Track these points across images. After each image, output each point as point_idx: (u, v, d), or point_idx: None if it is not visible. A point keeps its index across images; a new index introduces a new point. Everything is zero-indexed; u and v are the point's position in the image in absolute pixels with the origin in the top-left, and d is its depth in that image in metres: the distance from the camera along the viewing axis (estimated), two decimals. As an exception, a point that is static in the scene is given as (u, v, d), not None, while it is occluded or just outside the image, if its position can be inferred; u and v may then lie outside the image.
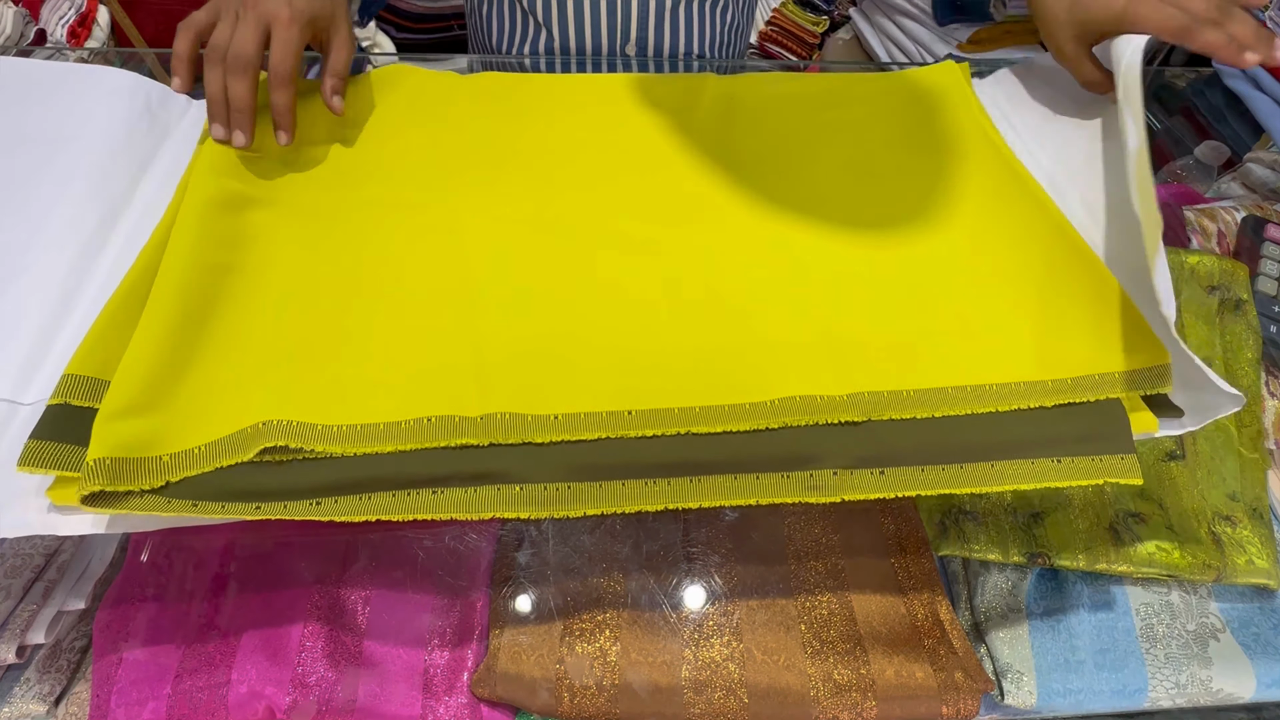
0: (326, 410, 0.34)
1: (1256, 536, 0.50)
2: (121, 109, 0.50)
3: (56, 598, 0.41)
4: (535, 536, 0.44)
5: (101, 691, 0.38)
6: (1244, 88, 0.75)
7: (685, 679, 0.40)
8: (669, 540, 0.45)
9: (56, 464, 0.33)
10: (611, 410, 0.35)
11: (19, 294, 0.40)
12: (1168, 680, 0.45)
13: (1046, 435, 0.38)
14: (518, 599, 0.43)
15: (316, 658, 0.39)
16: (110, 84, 0.52)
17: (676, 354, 0.39)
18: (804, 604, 0.43)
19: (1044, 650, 0.45)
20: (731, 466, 0.35)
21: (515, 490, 0.34)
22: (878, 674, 0.40)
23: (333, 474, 0.33)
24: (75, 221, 0.44)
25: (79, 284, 0.42)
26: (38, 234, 0.43)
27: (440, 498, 0.33)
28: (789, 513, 0.47)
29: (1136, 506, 0.51)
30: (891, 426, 0.37)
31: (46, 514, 0.33)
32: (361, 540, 0.43)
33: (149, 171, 0.49)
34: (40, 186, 0.45)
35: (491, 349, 0.38)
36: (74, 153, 0.47)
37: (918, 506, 0.50)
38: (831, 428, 0.36)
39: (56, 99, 0.51)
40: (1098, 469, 0.37)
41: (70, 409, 0.35)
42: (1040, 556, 0.48)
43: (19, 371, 0.37)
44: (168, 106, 0.53)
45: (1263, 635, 0.47)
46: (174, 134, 0.52)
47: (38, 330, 0.39)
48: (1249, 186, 0.79)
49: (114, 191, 0.46)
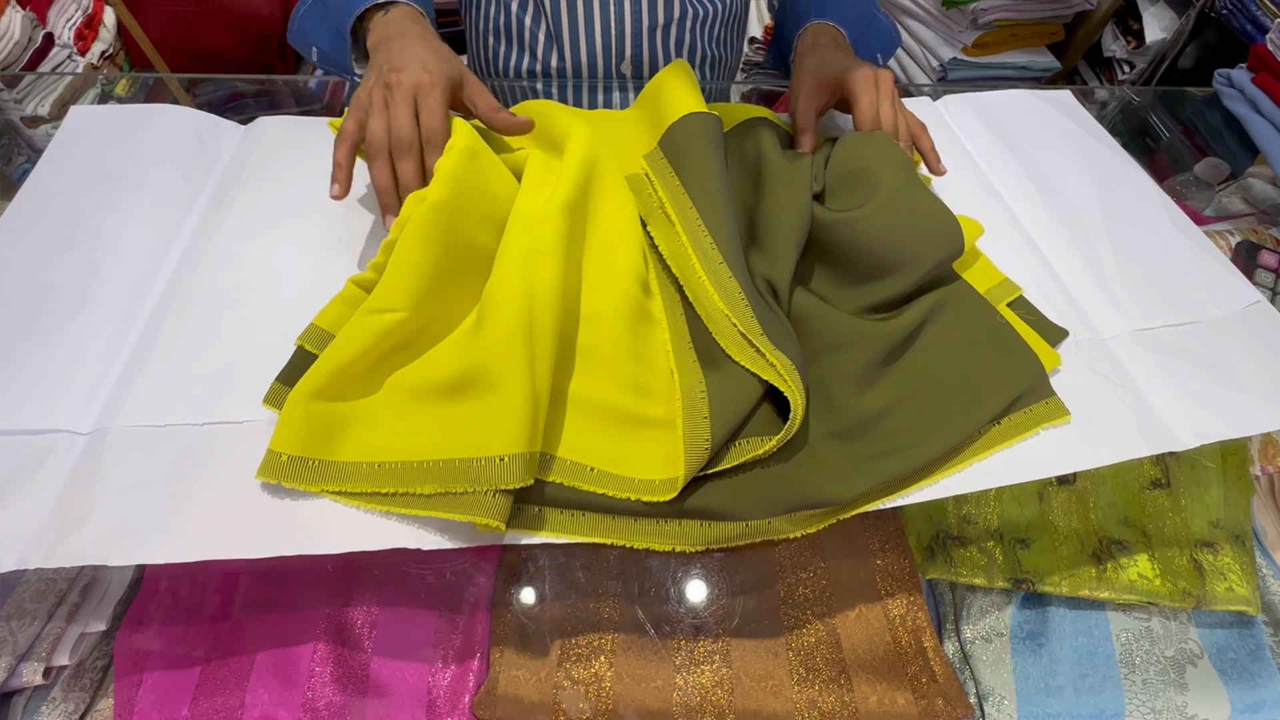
0: None
1: (1238, 563, 0.51)
2: (175, 143, 0.55)
3: (80, 620, 0.43)
4: (532, 571, 0.46)
5: (123, 713, 0.40)
6: (1243, 110, 0.75)
7: (676, 704, 0.42)
8: (661, 569, 0.47)
9: None
10: None
11: (80, 330, 0.43)
12: (1144, 706, 0.46)
13: None
14: (517, 625, 0.45)
15: (325, 681, 0.41)
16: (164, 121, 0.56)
17: None
18: (792, 631, 0.45)
19: (1025, 674, 0.47)
20: None
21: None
22: (861, 701, 0.42)
23: None
24: (132, 254, 0.47)
25: (131, 317, 0.44)
26: (98, 269, 0.46)
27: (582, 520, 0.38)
28: (779, 542, 0.49)
29: (1120, 534, 0.52)
30: None
31: (99, 545, 0.35)
32: (367, 567, 0.45)
33: (198, 201, 0.52)
34: (103, 224, 0.49)
35: None
36: (133, 189, 0.51)
37: (907, 532, 0.51)
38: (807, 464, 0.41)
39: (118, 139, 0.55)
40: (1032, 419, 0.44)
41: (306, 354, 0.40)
42: (1025, 582, 0.49)
43: (78, 403, 0.40)
44: (217, 136, 0.57)
45: (1239, 661, 0.49)
46: (222, 161, 0.56)
47: (95, 363, 0.42)
48: (1249, 201, 0.79)
49: (169, 222, 0.50)
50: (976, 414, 0.42)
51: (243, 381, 0.42)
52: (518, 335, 0.37)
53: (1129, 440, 0.44)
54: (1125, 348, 0.49)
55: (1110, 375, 0.47)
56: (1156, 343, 0.49)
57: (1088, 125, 0.66)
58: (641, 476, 0.38)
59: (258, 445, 0.38)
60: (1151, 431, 0.44)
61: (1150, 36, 1.43)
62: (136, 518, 0.36)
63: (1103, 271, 0.54)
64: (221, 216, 0.51)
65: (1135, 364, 0.48)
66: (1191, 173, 0.80)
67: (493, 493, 0.35)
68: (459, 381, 0.38)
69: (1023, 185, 0.59)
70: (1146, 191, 0.60)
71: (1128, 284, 0.53)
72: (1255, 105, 0.73)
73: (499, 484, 0.35)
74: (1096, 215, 0.58)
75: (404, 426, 0.38)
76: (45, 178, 0.52)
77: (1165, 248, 0.55)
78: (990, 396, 0.43)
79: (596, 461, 0.39)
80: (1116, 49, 1.51)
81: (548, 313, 0.39)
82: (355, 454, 0.38)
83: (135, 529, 0.36)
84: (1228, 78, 0.79)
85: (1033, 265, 0.54)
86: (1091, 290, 0.52)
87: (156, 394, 0.41)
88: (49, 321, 0.44)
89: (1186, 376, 0.47)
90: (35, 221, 0.49)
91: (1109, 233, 0.56)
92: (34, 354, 0.42)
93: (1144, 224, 0.57)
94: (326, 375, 0.38)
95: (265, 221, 0.51)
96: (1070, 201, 0.59)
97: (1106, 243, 0.56)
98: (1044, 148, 0.63)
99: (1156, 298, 0.52)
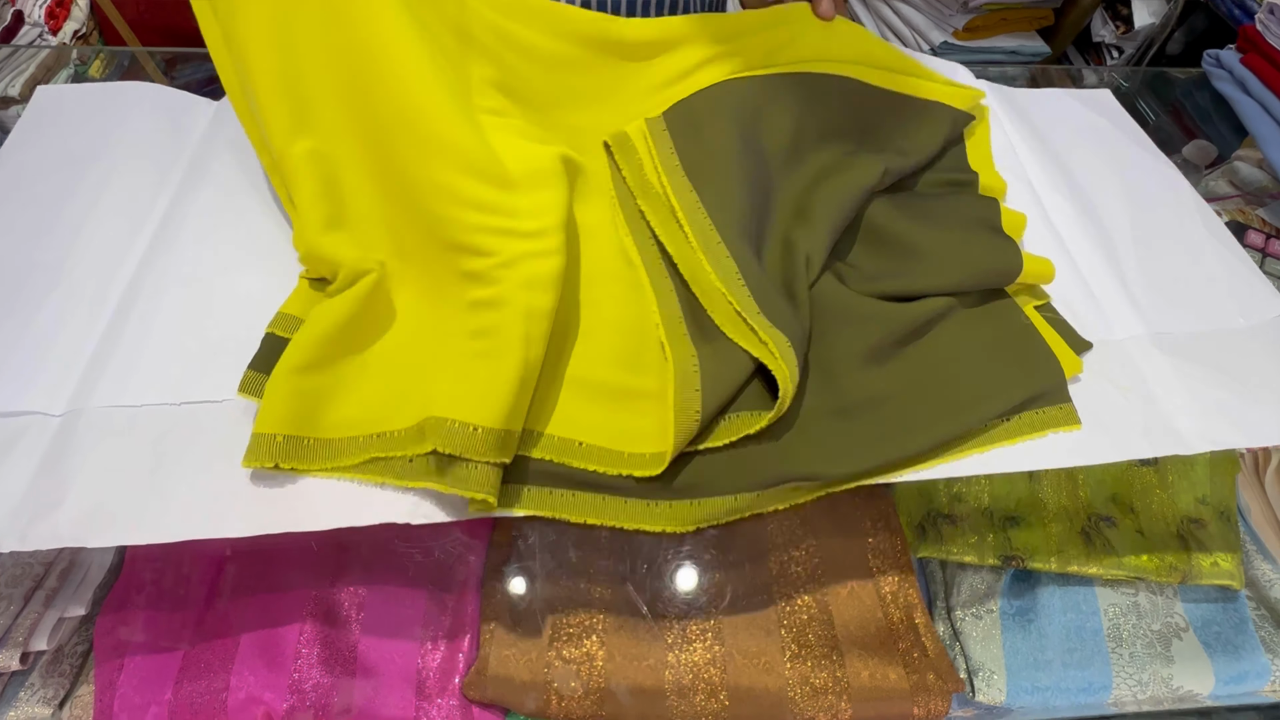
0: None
1: (1223, 539, 0.52)
2: (146, 121, 0.53)
3: (58, 605, 0.42)
4: (522, 549, 0.46)
5: (104, 696, 0.39)
6: (1232, 91, 0.75)
7: (669, 682, 0.42)
8: (653, 548, 0.47)
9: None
10: None
11: (52, 312, 0.42)
12: (1131, 679, 0.47)
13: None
14: (507, 605, 0.44)
15: (312, 663, 0.40)
16: (134, 98, 0.54)
17: None
18: (784, 609, 0.45)
19: (1015, 649, 0.47)
20: None
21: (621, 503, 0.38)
22: (853, 676, 0.42)
23: None
24: (103, 235, 0.46)
25: (103, 298, 0.43)
26: (70, 250, 0.45)
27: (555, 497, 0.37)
28: (771, 520, 0.49)
29: (1108, 511, 0.53)
30: None
31: (75, 527, 0.34)
32: (354, 547, 0.45)
33: (169, 178, 0.51)
34: (73, 204, 0.48)
35: None
36: (104, 169, 0.50)
37: (898, 511, 0.52)
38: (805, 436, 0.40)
39: (87, 119, 0.53)
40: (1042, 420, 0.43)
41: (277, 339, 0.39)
42: (1015, 559, 0.49)
43: (51, 384, 0.39)
44: (190, 113, 0.56)
45: (1224, 634, 0.49)
46: (195, 137, 0.54)
47: (68, 345, 0.41)
48: (1235, 185, 0.80)
49: (140, 201, 0.49)
50: (985, 408, 0.41)
51: (220, 361, 0.41)
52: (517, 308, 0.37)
53: (1132, 440, 0.43)
54: (1142, 349, 0.48)
55: (1120, 379, 0.46)
56: (1175, 347, 0.48)
57: (1125, 127, 0.66)
58: (632, 450, 0.38)
59: (237, 424, 0.37)
60: (1158, 433, 0.43)
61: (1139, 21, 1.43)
62: (114, 499, 0.35)
63: (1126, 272, 0.53)
64: (195, 194, 0.50)
65: (1151, 366, 0.47)
66: (1179, 155, 0.80)
67: (482, 465, 0.34)
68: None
69: (1053, 180, 0.59)
70: (1181, 196, 0.59)
71: (1151, 286, 0.52)
72: (1243, 85, 0.74)
73: (469, 453, 0.34)
74: (1126, 216, 0.57)
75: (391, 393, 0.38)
76: (11, 160, 0.51)
77: (1196, 253, 0.54)
78: (1002, 393, 0.42)
79: (586, 436, 0.38)
80: (1106, 34, 1.51)
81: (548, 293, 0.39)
82: (347, 427, 0.37)
83: (113, 510, 0.35)
84: (1216, 58, 0.79)
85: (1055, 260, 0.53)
86: (1112, 290, 0.52)
87: (131, 375, 0.40)
88: (19, 303, 0.43)
89: (1202, 382, 0.46)
90: (2, 206, 0.48)
91: (1137, 234, 0.56)
92: (4, 336, 0.41)
93: (1176, 228, 0.56)
94: (312, 346, 0.37)
95: (239, 199, 0.50)
96: (1100, 201, 0.58)
97: (1133, 244, 0.55)
98: (1078, 146, 0.62)
99: (1180, 302, 0.51)
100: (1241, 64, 0.76)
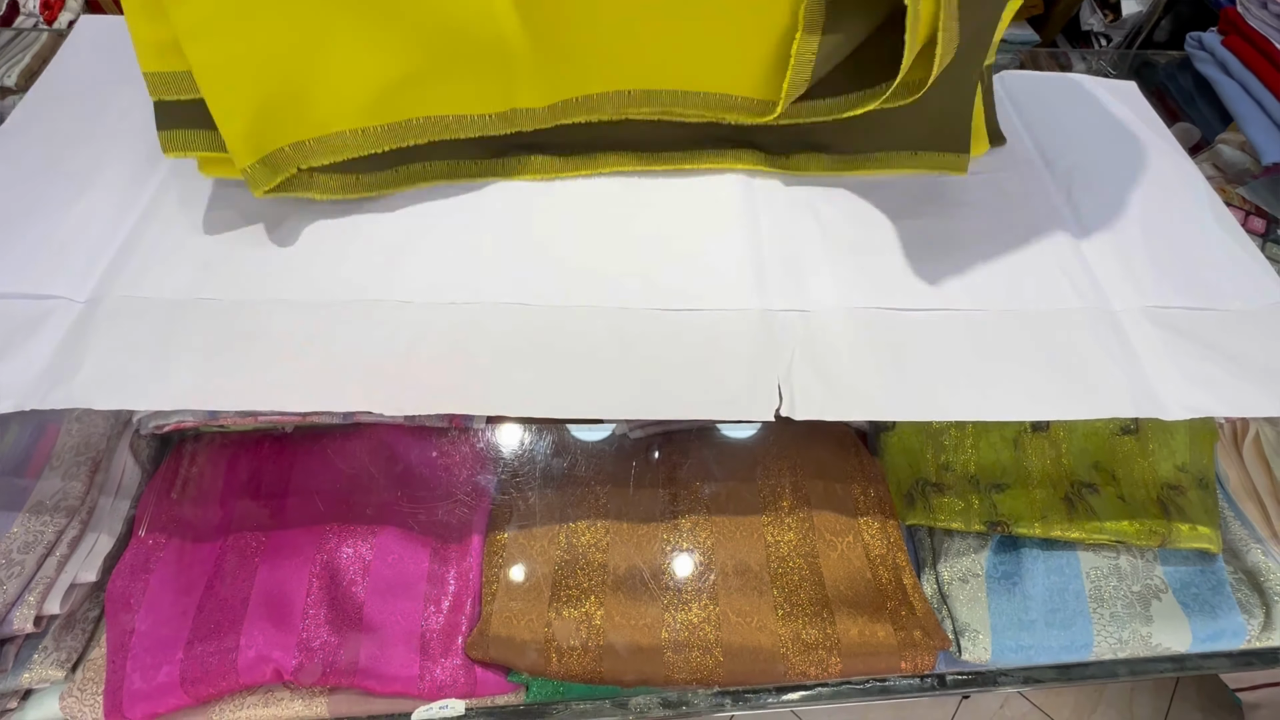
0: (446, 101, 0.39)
1: (1201, 505, 0.53)
2: None
3: (69, 570, 0.43)
4: (525, 509, 0.47)
5: (117, 658, 0.41)
6: (1213, 73, 0.77)
7: (665, 640, 0.43)
8: (650, 510, 0.48)
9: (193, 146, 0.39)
10: None
11: (82, 210, 0.46)
12: (1111, 637, 0.48)
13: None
14: (509, 567, 0.45)
15: (320, 623, 0.41)
16: None
17: None
18: (776, 570, 0.46)
19: (1000, 611, 0.49)
20: None
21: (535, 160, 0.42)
22: (843, 633, 0.44)
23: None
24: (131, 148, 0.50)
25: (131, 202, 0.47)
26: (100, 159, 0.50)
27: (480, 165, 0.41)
28: (764, 486, 0.50)
29: (1090, 478, 0.54)
30: None
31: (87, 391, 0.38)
32: (360, 511, 0.46)
33: None
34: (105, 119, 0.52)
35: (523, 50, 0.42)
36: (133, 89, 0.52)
37: (887, 479, 0.53)
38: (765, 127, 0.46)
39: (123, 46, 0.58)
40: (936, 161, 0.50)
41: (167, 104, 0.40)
42: (1000, 525, 0.51)
43: (78, 274, 0.43)
44: None
45: (1201, 595, 0.51)
46: None
47: (95, 238, 0.45)
48: (1218, 167, 0.81)
49: None
50: None
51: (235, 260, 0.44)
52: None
53: (1116, 400, 0.44)
54: (1134, 321, 0.49)
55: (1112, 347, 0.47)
56: (1168, 321, 0.50)
57: (1145, 115, 0.67)
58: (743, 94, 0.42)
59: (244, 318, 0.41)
60: (1141, 396, 0.45)
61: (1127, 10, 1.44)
62: (125, 371, 0.39)
63: (1128, 249, 0.54)
64: None
65: (1141, 336, 0.48)
66: (1164, 138, 0.81)
67: None
68: None
69: (1066, 161, 0.60)
70: (1193, 184, 0.60)
71: (1151, 263, 0.53)
72: (1225, 67, 0.75)
73: None
74: (1135, 198, 0.58)
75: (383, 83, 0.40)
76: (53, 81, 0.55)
77: (1200, 238, 0.56)
78: None
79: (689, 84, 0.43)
80: (1094, 22, 1.52)
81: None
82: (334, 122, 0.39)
83: (122, 380, 0.38)
84: (1199, 40, 0.81)
85: (1056, 234, 0.54)
86: (1112, 263, 0.53)
87: (150, 271, 0.44)
88: (54, 201, 0.47)
89: (1189, 356, 0.48)
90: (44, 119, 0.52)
91: (1144, 216, 0.57)
92: (39, 228, 0.45)
93: (1183, 214, 0.58)
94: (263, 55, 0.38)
95: None
96: (1111, 182, 0.59)
97: (1139, 224, 0.56)
98: (1096, 130, 0.64)
99: (1177, 280, 0.52)
100: (1223, 45, 0.77)
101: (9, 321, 0.40)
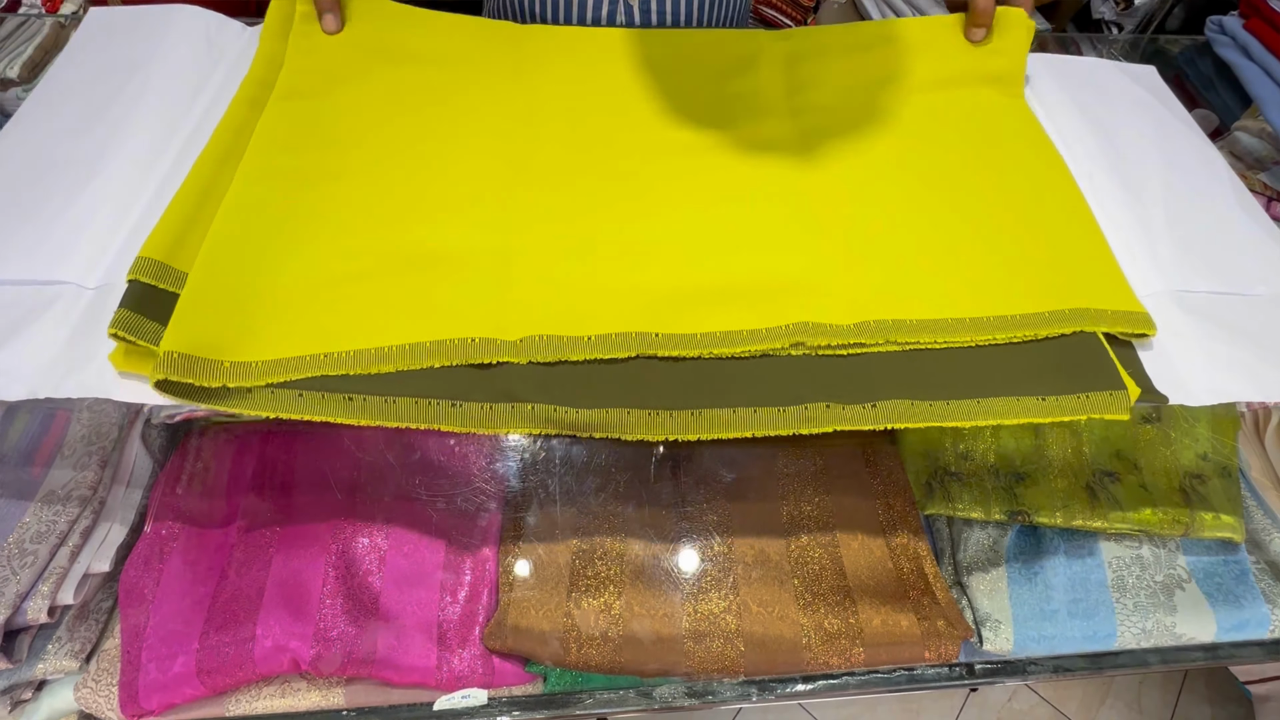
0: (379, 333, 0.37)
1: (1224, 493, 0.52)
2: (183, 39, 0.58)
3: (82, 560, 0.42)
4: (543, 497, 0.46)
5: (131, 648, 0.40)
6: (1234, 56, 0.75)
7: (685, 630, 0.43)
8: (669, 500, 0.47)
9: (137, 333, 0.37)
10: (640, 331, 0.38)
11: (91, 197, 0.46)
12: (1135, 627, 0.48)
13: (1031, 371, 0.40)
14: (526, 557, 0.45)
15: (337, 613, 0.41)
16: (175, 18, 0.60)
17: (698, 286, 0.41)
18: (797, 560, 0.46)
19: (1021, 601, 0.48)
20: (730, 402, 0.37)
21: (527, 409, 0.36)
22: (865, 623, 0.43)
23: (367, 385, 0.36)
24: (139, 136, 0.50)
25: (139, 189, 0.47)
26: (108, 146, 0.49)
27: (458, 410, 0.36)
28: (784, 475, 0.50)
29: (1112, 466, 0.54)
30: (882, 362, 0.39)
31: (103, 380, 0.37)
32: (376, 500, 0.45)
33: (204, 92, 0.55)
34: (115, 108, 0.52)
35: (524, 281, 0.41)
36: (143, 79, 0.54)
37: (905, 468, 0.52)
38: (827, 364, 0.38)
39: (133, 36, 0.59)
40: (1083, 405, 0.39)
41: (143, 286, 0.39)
42: (1021, 515, 0.50)
43: (86, 261, 0.43)
44: (224, 34, 0.60)
45: (1225, 585, 0.50)
46: (228, 58, 0.59)
47: (104, 227, 0.45)
48: (1236, 155, 0.80)
49: (174, 110, 0.53)
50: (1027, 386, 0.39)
51: None
52: None
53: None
54: (1160, 305, 0.48)
55: None
56: (1194, 305, 0.49)
57: (1167, 101, 0.66)
58: None
59: None
60: (1167, 382, 0.44)
61: (1139, -2, 1.43)
62: None
63: (1153, 235, 0.53)
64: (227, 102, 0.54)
65: (1166, 320, 0.47)
66: (1181, 124, 0.80)
67: None
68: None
69: (1087, 146, 0.59)
70: (1217, 171, 0.60)
71: (1176, 248, 0.52)
72: (1246, 51, 0.74)
73: None
74: (1158, 184, 0.57)
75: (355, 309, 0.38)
76: (63, 72, 0.55)
77: (1224, 224, 0.55)
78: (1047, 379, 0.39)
79: None
80: (1106, 10, 1.51)
81: None
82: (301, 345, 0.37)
83: None
84: (1219, 24, 0.79)
85: None
86: (1137, 249, 0.52)
87: None
88: (62, 190, 0.47)
89: (1216, 340, 0.47)
90: (53, 108, 0.53)
91: (1167, 202, 0.56)
92: (48, 214, 0.45)
93: (1207, 200, 0.57)
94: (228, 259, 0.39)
95: None
96: (1134, 167, 0.58)
97: (1162, 210, 0.56)
98: (1117, 115, 0.63)
99: (1201, 265, 0.52)
100: (1244, 29, 0.76)
101: (18, 307, 0.40)
